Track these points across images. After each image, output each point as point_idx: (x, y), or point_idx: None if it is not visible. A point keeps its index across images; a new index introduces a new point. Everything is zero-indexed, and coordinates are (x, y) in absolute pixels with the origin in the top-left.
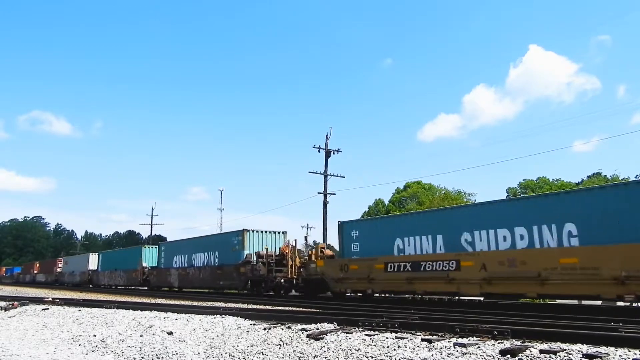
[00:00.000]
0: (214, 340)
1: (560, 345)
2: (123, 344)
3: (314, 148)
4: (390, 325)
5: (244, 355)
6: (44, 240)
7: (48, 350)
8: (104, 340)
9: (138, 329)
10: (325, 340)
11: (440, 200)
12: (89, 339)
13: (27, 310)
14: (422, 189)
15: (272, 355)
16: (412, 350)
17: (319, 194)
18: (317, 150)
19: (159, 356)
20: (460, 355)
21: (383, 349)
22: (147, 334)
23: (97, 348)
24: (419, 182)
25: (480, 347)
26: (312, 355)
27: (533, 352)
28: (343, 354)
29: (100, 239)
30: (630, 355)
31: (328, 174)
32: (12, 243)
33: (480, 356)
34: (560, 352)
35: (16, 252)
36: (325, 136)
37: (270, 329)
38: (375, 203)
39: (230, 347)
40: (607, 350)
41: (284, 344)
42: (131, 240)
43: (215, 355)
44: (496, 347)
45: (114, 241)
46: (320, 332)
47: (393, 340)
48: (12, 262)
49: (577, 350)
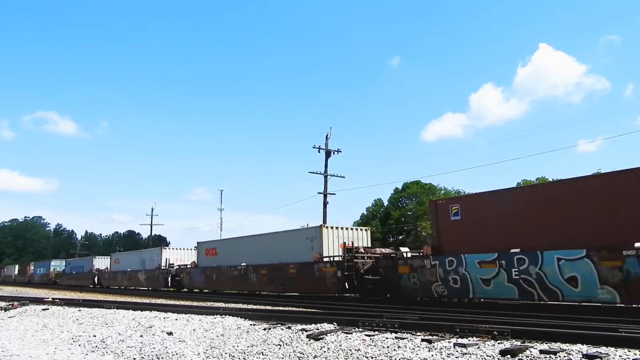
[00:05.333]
0: (214, 340)
1: (560, 346)
2: (123, 344)
3: (314, 148)
4: (390, 326)
5: (244, 356)
6: (44, 241)
7: (48, 351)
8: (104, 340)
9: (138, 329)
10: (325, 340)
11: None
12: (89, 339)
13: (27, 310)
14: (422, 189)
15: (272, 355)
16: (412, 350)
17: (319, 194)
18: (317, 150)
19: (159, 356)
20: (460, 355)
21: (383, 349)
22: (147, 334)
23: (97, 348)
24: (418, 182)
25: (480, 347)
26: (312, 355)
27: (533, 352)
28: (343, 354)
29: (100, 239)
30: (630, 355)
31: (328, 174)
32: (12, 243)
33: (480, 356)
34: (560, 353)
35: (16, 253)
36: (326, 136)
37: (270, 329)
38: (374, 203)
39: (230, 347)
40: (607, 351)
41: (284, 344)
42: (131, 240)
43: (215, 355)
44: (496, 347)
45: (114, 241)
46: (320, 332)
47: (393, 340)
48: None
49: (577, 351)
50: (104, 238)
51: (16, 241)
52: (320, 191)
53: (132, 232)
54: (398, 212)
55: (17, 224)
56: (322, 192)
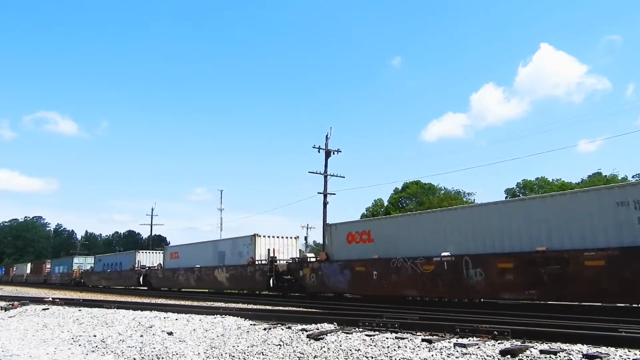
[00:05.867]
0: (214, 340)
1: (560, 346)
2: (123, 344)
3: (314, 148)
4: (390, 326)
5: (244, 356)
6: (44, 241)
7: (48, 351)
8: (104, 340)
9: (138, 329)
10: (325, 340)
11: (440, 201)
12: (89, 339)
13: (27, 310)
14: (422, 189)
15: (272, 355)
16: (412, 350)
17: (319, 194)
18: (317, 150)
19: (159, 356)
20: (460, 355)
21: (383, 349)
22: (147, 334)
23: (97, 348)
24: (418, 182)
25: (480, 348)
26: (312, 355)
27: (533, 352)
28: (343, 354)
29: (100, 239)
30: (630, 355)
31: (328, 174)
32: (12, 243)
33: (481, 356)
34: (560, 353)
35: (16, 253)
36: (325, 136)
37: (270, 329)
38: (374, 203)
39: (230, 347)
40: (607, 351)
41: (284, 344)
42: (131, 240)
43: (215, 355)
44: (496, 348)
45: (114, 241)
46: (320, 332)
47: (393, 340)
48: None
49: (577, 351)
50: (104, 238)
51: (16, 241)
52: (320, 191)
53: (132, 232)
54: (398, 212)
55: (17, 224)
56: (322, 192)
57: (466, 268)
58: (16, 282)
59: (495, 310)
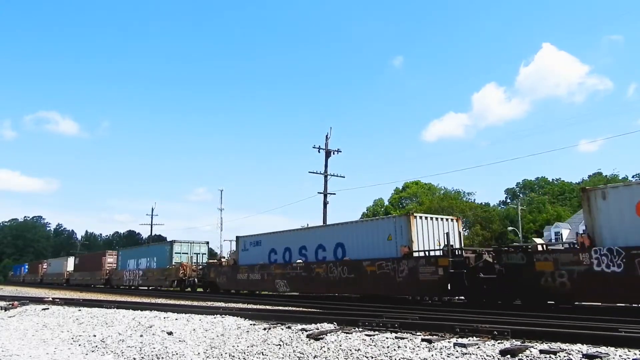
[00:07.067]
0: (214, 340)
1: (560, 346)
2: (123, 344)
3: (314, 148)
4: (390, 325)
5: (244, 356)
6: (44, 241)
7: (48, 351)
8: (104, 340)
9: (138, 329)
10: (325, 340)
11: (440, 201)
12: (89, 339)
13: (27, 310)
14: (422, 189)
15: (272, 355)
16: (412, 350)
17: (319, 194)
18: (317, 150)
19: (159, 356)
20: (460, 355)
21: (383, 349)
22: (147, 334)
23: (97, 348)
24: (418, 182)
25: (480, 347)
26: (312, 355)
27: (533, 352)
28: (343, 354)
29: (100, 239)
30: (630, 355)
31: (328, 174)
32: (12, 243)
33: (480, 356)
34: (560, 352)
35: (16, 253)
36: (325, 136)
37: (270, 329)
38: (375, 203)
39: (230, 347)
40: (607, 350)
41: (284, 344)
42: (131, 240)
43: (215, 355)
44: (496, 347)
45: (114, 241)
46: (320, 332)
47: (393, 340)
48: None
49: (577, 351)
50: (104, 238)
51: (16, 241)
52: (320, 191)
53: (132, 232)
54: (398, 212)
55: (17, 224)
56: (322, 192)
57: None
58: (47, 282)
59: (495, 310)
